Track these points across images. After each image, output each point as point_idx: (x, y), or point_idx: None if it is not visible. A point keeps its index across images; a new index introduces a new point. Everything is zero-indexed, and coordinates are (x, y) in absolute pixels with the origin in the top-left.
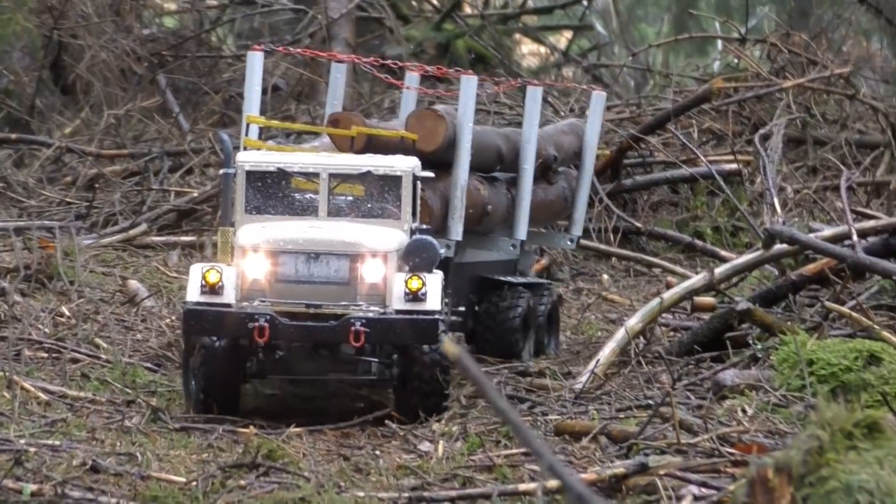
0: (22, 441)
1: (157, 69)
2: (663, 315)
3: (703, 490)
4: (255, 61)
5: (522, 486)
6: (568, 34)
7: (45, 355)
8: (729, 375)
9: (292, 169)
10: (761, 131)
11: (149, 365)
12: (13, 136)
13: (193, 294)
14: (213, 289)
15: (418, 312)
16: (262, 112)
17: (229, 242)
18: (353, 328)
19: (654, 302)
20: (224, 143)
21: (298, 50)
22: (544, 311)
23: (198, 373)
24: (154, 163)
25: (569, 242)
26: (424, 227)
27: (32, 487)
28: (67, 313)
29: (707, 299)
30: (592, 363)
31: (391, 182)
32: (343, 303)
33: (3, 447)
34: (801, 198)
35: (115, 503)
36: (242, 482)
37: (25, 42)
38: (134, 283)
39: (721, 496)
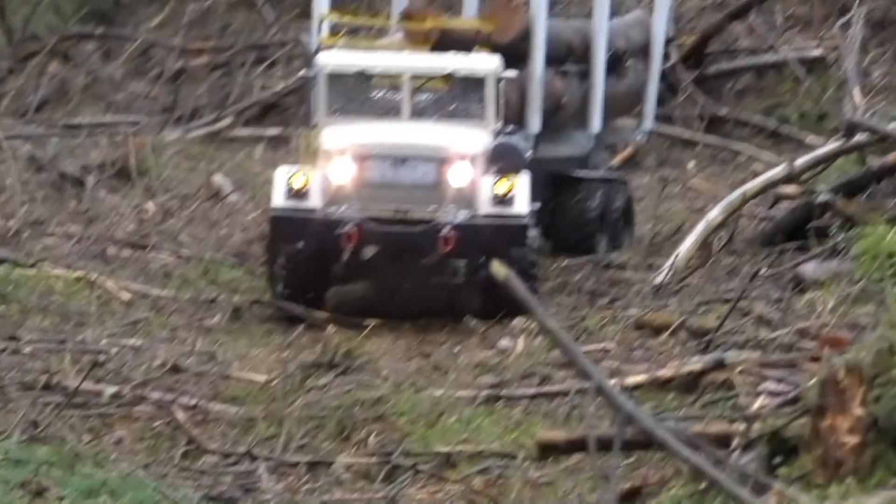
0: (103, 342)
1: None
2: (748, 205)
3: (781, 386)
4: None
5: None
6: None
7: (129, 253)
8: (809, 268)
9: (374, 71)
10: (842, 20)
11: (232, 261)
12: (98, 30)
13: (279, 199)
14: (298, 193)
15: (507, 216)
16: (334, 7)
17: (313, 145)
18: (442, 233)
19: (736, 194)
20: (306, 45)
21: None
22: (620, 205)
23: (282, 277)
24: (239, 56)
25: (640, 136)
26: (509, 128)
27: (112, 389)
28: (152, 209)
29: (790, 188)
30: (672, 257)
31: (474, 83)
32: (431, 207)
33: (84, 348)
34: (889, 83)
35: (196, 403)
36: (321, 381)
37: None
38: (218, 178)
39: (798, 392)
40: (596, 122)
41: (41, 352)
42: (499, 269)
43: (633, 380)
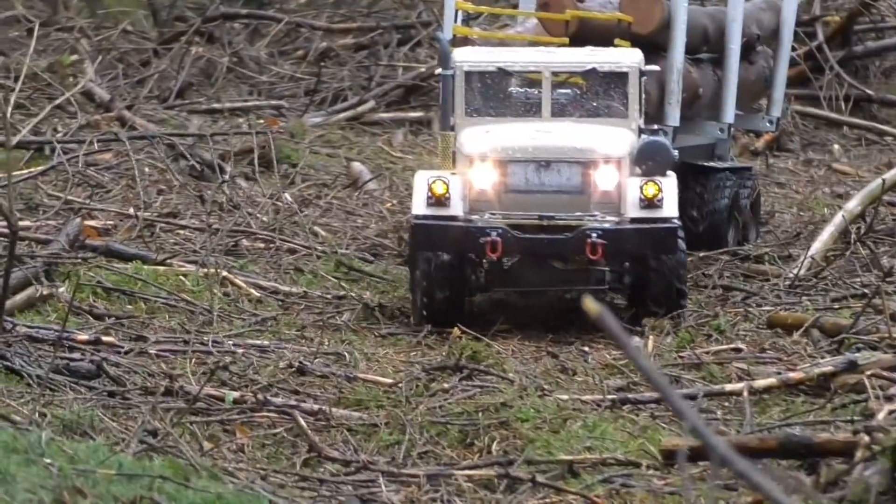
0: (230, 343)
1: None
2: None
3: None
4: None
5: (729, 387)
6: None
7: (262, 245)
8: None
9: (513, 68)
10: None
11: (365, 255)
12: (243, 10)
13: (419, 206)
14: (439, 200)
15: (656, 220)
16: None
17: (451, 147)
18: (589, 240)
19: (875, 183)
20: (442, 42)
21: None
22: (749, 196)
23: (421, 286)
24: (383, 36)
25: (768, 124)
26: (656, 127)
27: (235, 395)
28: (290, 199)
29: None
30: (810, 249)
31: (617, 78)
32: (577, 213)
33: (210, 349)
34: None
35: (319, 408)
36: (446, 385)
37: None
38: (357, 166)
39: None
40: (730, 111)
41: (167, 353)
42: (591, 305)
43: (762, 383)
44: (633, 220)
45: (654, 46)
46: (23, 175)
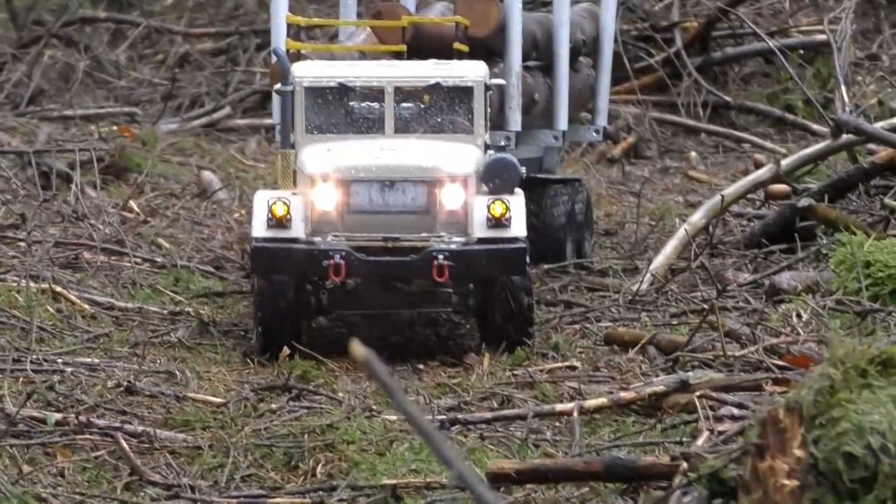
0: (59, 361)
1: None
2: (740, 202)
3: (739, 412)
4: None
5: (559, 407)
6: None
7: (104, 259)
8: (785, 278)
9: (354, 84)
10: (831, 14)
11: (207, 268)
12: (102, 14)
13: (260, 228)
14: (280, 222)
15: (503, 241)
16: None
17: (291, 166)
18: (436, 262)
19: (716, 198)
20: (281, 57)
21: None
22: (581, 209)
23: (261, 308)
24: (242, 41)
25: (594, 134)
26: (501, 143)
27: (57, 416)
28: (136, 209)
29: (781, 186)
30: (651, 264)
31: (462, 93)
32: (422, 234)
33: (39, 367)
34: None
35: (143, 430)
36: (273, 406)
37: None
38: (207, 175)
39: (741, 429)
40: (563, 119)
41: None
42: (357, 349)
43: (592, 402)
44: (481, 240)
45: (490, 51)
46: None
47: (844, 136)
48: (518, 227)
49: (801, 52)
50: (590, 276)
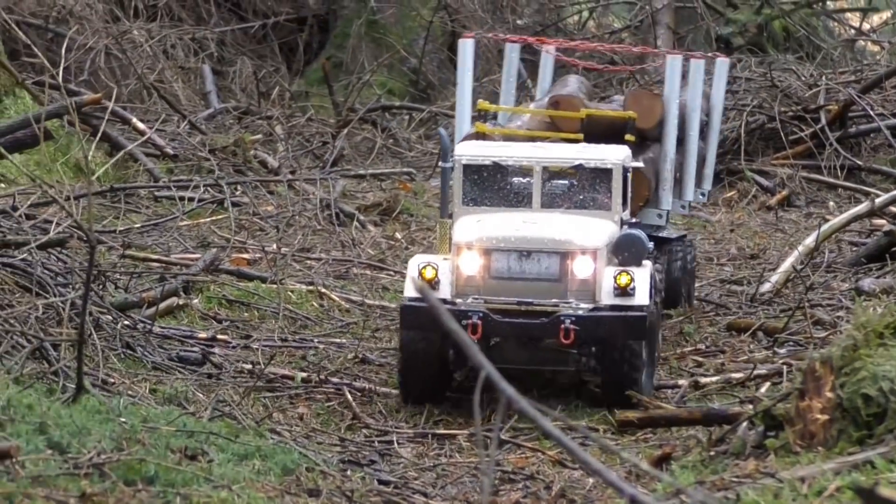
0: (315, 340)
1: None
2: (847, 231)
3: None
4: (467, 49)
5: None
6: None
7: (368, 272)
8: (867, 283)
9: (507, 163)
10: None
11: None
12: (397, 103)
13: (409, 290)
14: (429, 285)
15: (627, 308)
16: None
17: (448, 234)
18: (563, 325)
19: (826, 226)
20: (443, 138)
21: (502, 37)
22: (692, 259)
23: (403, 361)
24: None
25: (700, 196)
26: (634, 220)
27: (303, 374)
28: (400, 238)
29: (881, 221)
30: (774, 276)
31: (602, 174)
32: (553, 300)
33: (301, 345)
34: None
35: (366, 387)
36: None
37: (428, 31)
38: None
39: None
40: (690, 189)
41: (265, 347)
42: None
43: (706, 380)
44: (607, 307)
45: (643, 136)
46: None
47: None
48: (642, 296)
49: None
50: (725, 285)
